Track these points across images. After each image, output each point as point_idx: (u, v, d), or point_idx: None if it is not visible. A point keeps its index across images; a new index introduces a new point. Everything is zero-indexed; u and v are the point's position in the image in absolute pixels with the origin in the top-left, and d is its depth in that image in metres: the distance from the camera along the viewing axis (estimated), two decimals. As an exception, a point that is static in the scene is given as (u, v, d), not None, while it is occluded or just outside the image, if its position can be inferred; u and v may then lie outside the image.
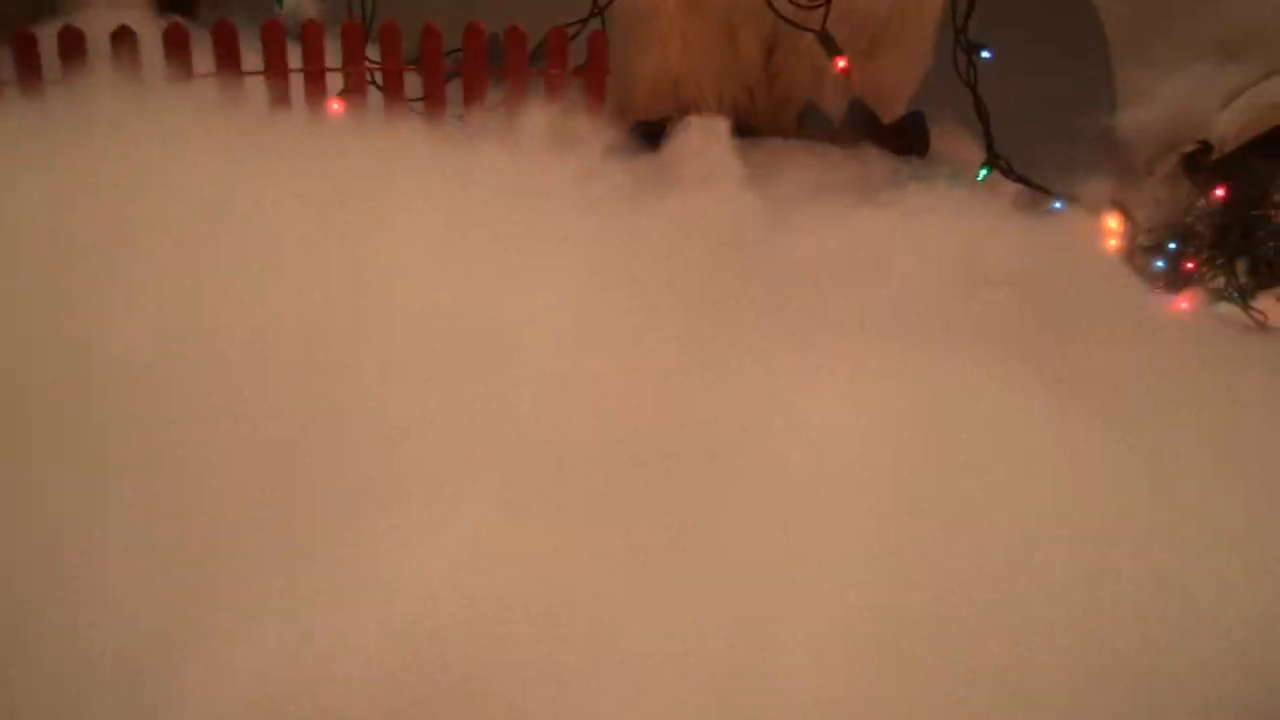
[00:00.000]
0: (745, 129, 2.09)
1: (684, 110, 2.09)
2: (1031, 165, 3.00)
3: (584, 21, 1.90)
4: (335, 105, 1.98)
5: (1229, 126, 2.83)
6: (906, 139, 2.07)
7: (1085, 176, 3.00)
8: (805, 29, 1.82)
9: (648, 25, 1.86)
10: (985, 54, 1.84)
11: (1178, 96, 2.88)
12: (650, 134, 2.08)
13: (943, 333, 1.61)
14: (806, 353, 1.46)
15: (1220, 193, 2.35)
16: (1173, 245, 2.02)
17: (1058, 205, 2.22)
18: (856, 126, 2.06)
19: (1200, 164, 2.97)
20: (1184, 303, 1.96)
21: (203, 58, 2.02)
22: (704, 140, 1.93)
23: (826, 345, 1.49)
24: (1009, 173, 1.90)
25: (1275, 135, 2.90)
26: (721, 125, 2.02)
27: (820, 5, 1.78)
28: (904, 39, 2.05)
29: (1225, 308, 1.98)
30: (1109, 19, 2.89)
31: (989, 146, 1.84)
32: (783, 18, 1.83)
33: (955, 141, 2.03)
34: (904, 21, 2.01)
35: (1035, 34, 2.88)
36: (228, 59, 2.02)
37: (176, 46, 1.95)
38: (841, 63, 1.80)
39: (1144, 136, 2.90)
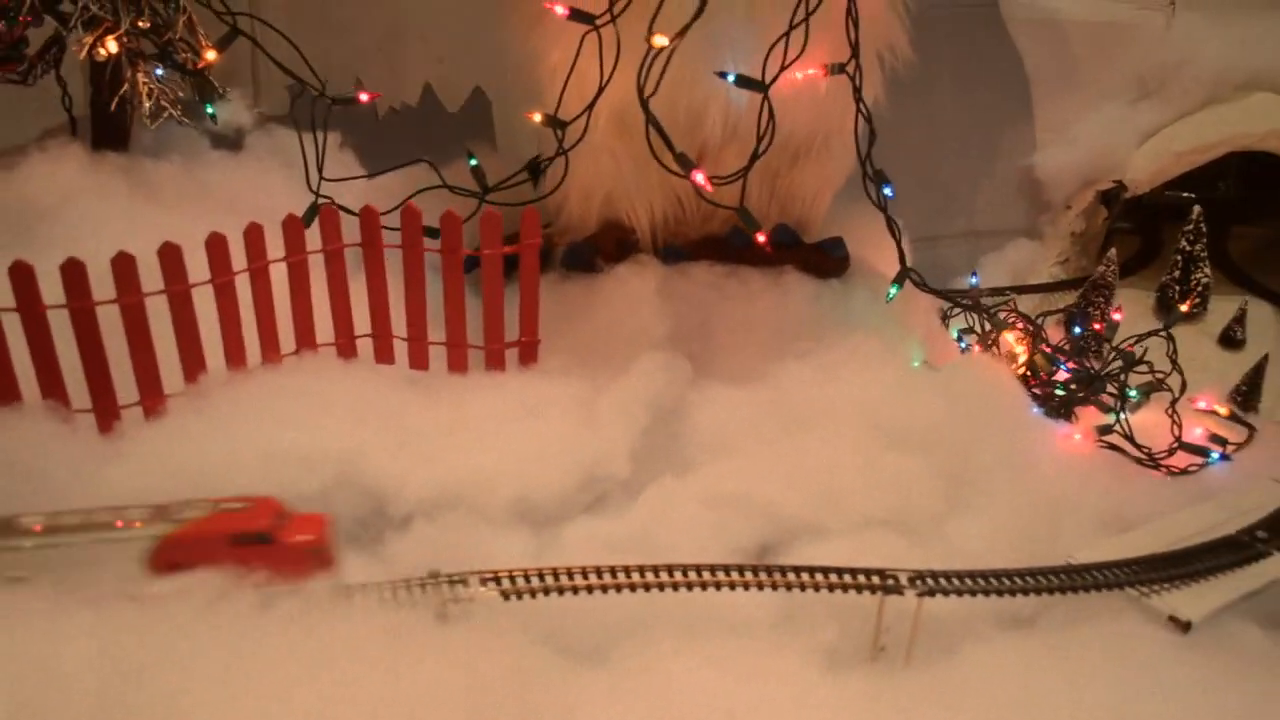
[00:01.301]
0: (674, 252, 2.17)
1: (616, 224, 2.16)
2: (958, 203, 3.13)
3: (550, 160, 1.94)
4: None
5: (1141, 171, 2.96)
6: (827, 261, 2.15)
7: (1006, 214, 3.14)
8: (723, 207, 1.86)
9: (583, 144, 1.90)
10: (888, 190, 1.95)
11: (1094, 136, 3.00)
12: (583, 258, 2.15)
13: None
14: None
15: (1098, 326, 2.49)
16: (1064, 370, 2.14)
17: (960, 314, 2.34)
18: (780, 249, 2.15)
19: (1114, 200, 3.12)
20: (1076, 434, 2.10)
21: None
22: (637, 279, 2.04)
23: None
24: (921, 285, 2.00)
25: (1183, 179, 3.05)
26: (650, 264, 2.15)
27: (738, 177, 1.85)
28: (822, 154, 2.13)
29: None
30: (1030, 60, 3.00)
31: (901, 263, 1.95)
32: (703, 197, 1.87)
33: (873, 250, 2.11)
34: (824, 139, 2.08)
35: (962, 81, 2.98)
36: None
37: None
38: (761, 238, 1.87)
39: (1062, 174, 3.03)
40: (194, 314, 1.72)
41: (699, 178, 1.84)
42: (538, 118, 1.99)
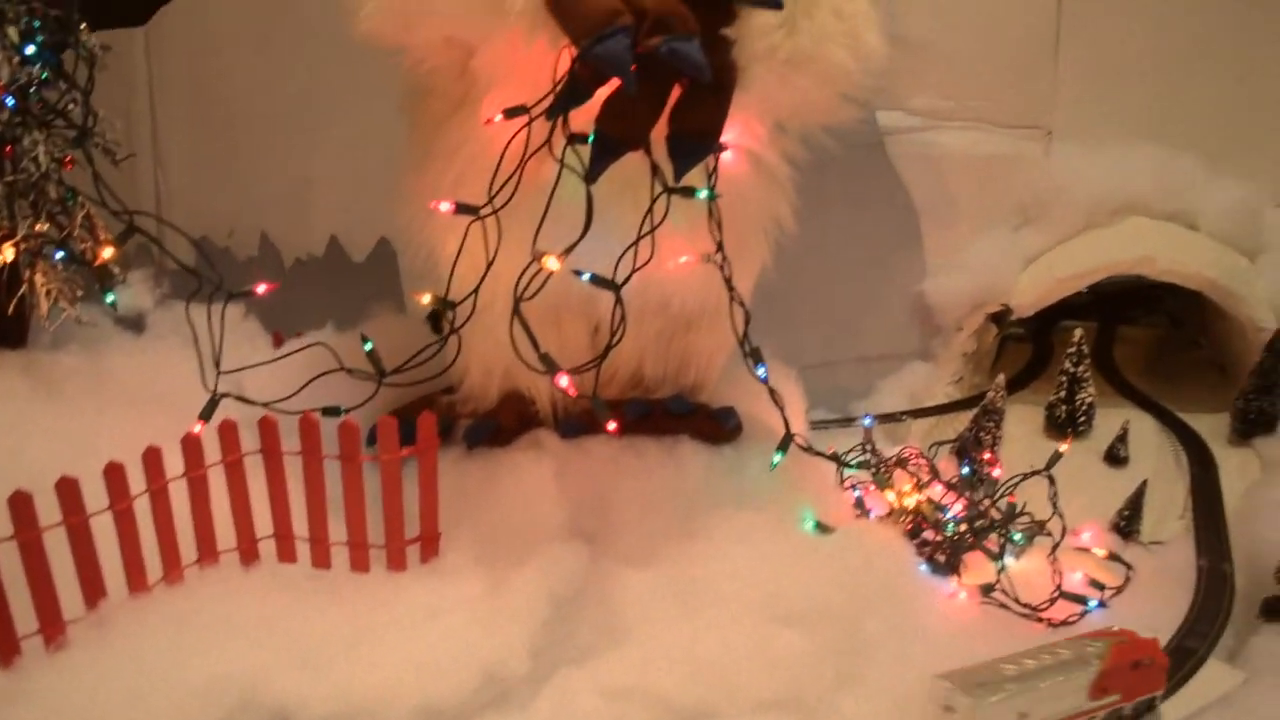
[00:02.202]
0: (573, 426, 2.25)
1: (517, 396, 2.23)
2: (855, 329, 3.24)
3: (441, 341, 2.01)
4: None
5: (1025, 295, 3.10)
6: (720, 431, 2.25)
7: (901, 338, 3.26)
8: (584, 396, 1.96)
9: (479, 320, 1.97)
10: (761, 370, 2.05)
11: (981, 261, 3.14)
12: (484, 435, 2.25)
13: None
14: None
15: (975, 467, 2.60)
16: (951, 520, 2.26)
17: (852, 465, 2.45)
18: (675, 419, 2.24)
19: (1002, 321, 3.26)
20: (961, 592, 2.20)
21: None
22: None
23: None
24: (807, 449, 2.11)
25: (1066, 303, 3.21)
26: (549, 441, 2.22)
27: (592, 366, 1.94)
28: (713, 322, 2.22)
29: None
30: (918, 193, 3.13)
31: (785, 430, 2.04)
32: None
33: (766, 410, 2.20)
34: (714, 309, 2.17)
35: (855, 214, 3.09)
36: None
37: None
38: (611, 426, 1.96)
39: (952, 299, 3.16)
40: (93, 543, 1.74)
41: (562, 380, 1.92)
42: (426, 299, 2.06)
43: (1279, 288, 3.12)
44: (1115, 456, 2.99)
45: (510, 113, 1.87)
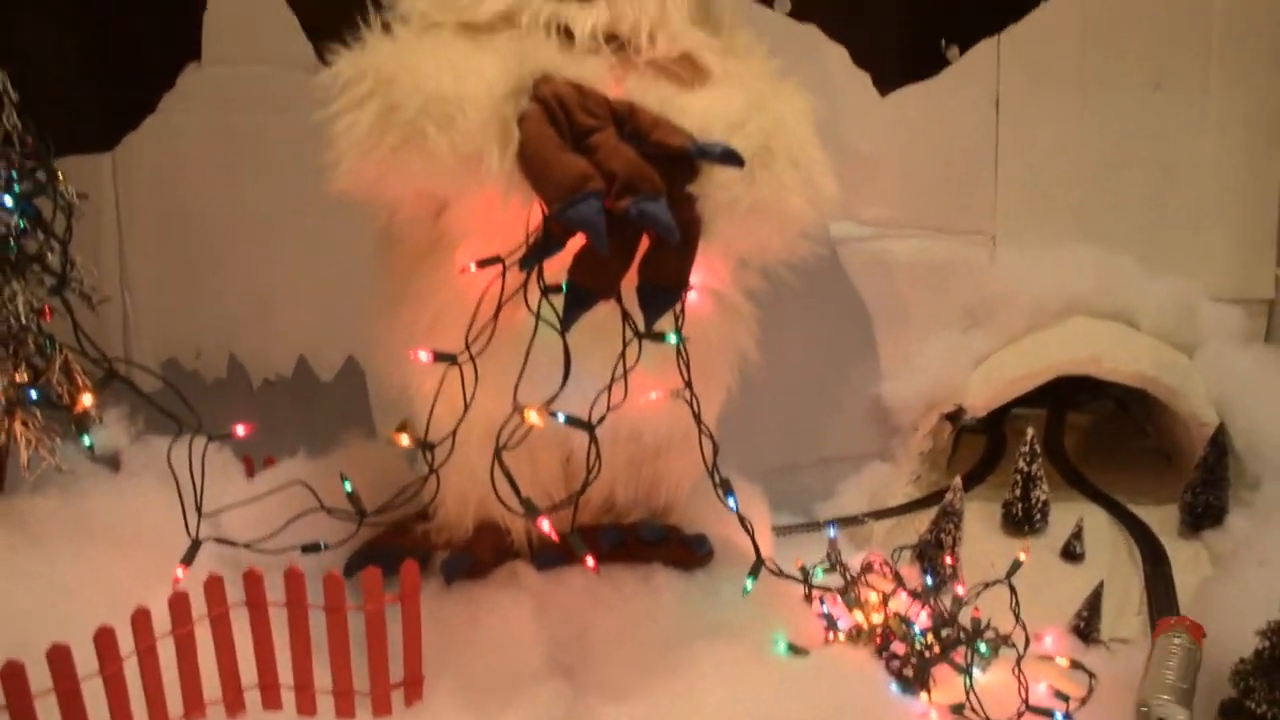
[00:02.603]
0: (549, 558, 2.30)
1: (492, 526, 2.28)
2: (814, 432, 3.32)
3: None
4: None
5: (978, 396, 3.20)
6: (692, 558, 2.32)
7: (859, 439, 3.34)
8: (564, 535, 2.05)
9: (455, 455, 2.03)
10: (732, 500, 2.13)
11: (933, 364, 3.24)
12: (462, 569, 2.28)
13: None
14: None
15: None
16: (918, 634, 2.33)
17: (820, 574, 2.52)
18: (648, 546, 2.31)
19: (957, 419, 3.36)
20: (933, 712, 2.26)
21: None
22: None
23: None
24: (777, 573, 2.19)
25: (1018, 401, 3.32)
26: (526, 574, 2.27)
27: (568, 504, 2.04)
28: (681, 448, 2.30)
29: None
30: (870, 298, 3.23)
31: (756, 556, 2.12)
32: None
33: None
34: (682, 436, 2.24)
35: (810, 322, 3.18)
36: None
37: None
38: (591, 561, 2.04)
39: (908, 401, 3.25)
40: (84, 708, 1.75)
41: (544, 524, 1.98)
42: (405, 440, 2.11)
43: (1217, 381, 3.25)
44: (1072, 553, 3.07)
45: (484, 263, 1.94)
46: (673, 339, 2.04)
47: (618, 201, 1.80)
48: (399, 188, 1.98)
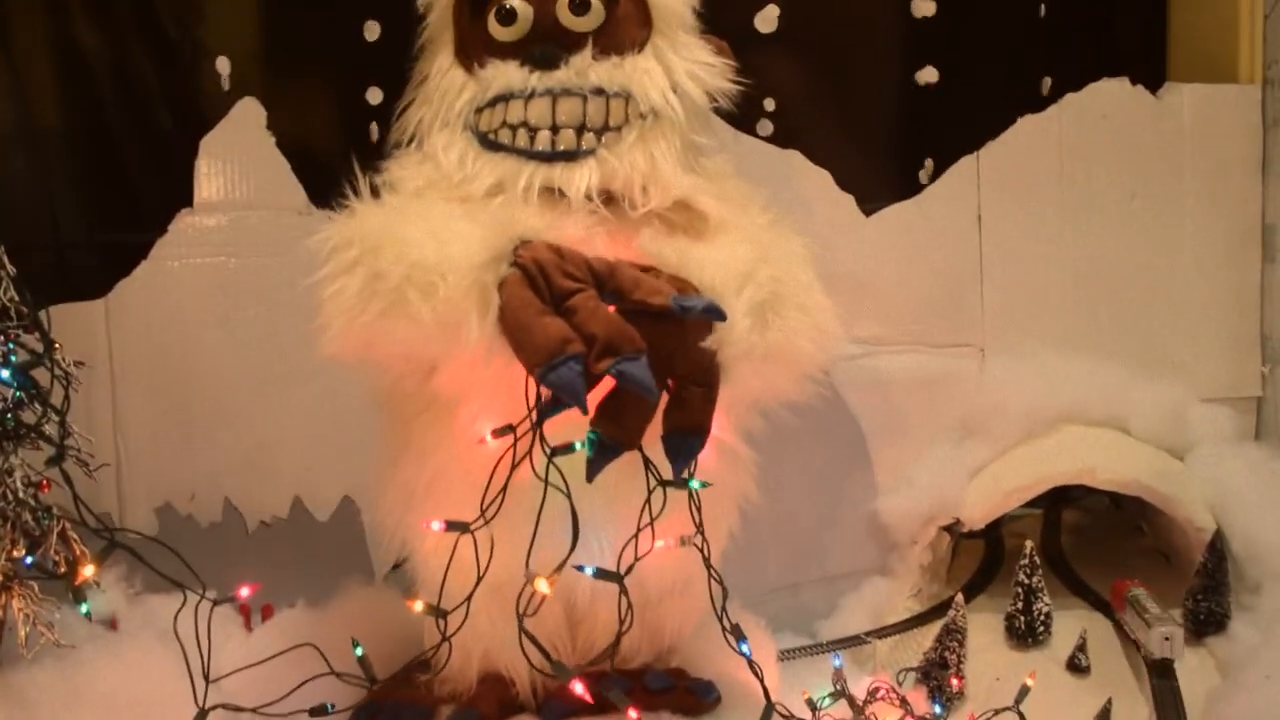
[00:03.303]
0: (555, 710, 2.26)
1: (496, 678, 2.28)
2: (814, 550, 3.31)
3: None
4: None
5: (974, 510, 3.21)
6: (700, 705, 2.31)
7: (859, 555, 3.34)
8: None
9: (457, 614, 2.04)
10: (745, 647, 2.14)
11: (929, 478, 3.25)
12: None
13: None
14: None
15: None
16: None
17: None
18: (656, 694, 2.30)
19: (954, 533, 3.36)
20: None
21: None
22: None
23: None
24: (787, 717, 2.18)
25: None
26: None
27: (604, 660, 2.06)
28: (685, 593, 2.31)
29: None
30: (864, 416, 3.25)
31: (766, 700, 2.11)
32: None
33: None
34: (684, 581, 2.26)
35: (807, 443, 3.18)
36: None
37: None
38: (633, 714, 2.04)
39: (905, 516, 3.26)
40: None
41: (578, 688, 1.98)
42: (419, 607, 2.10)
43: (1211, 484, 3.26)
44: (1077, 666, 3.05)
45: (499, 433, 1.96)
46: (696, 485, 2.06)
47: (598, 363, 1.83)
48: (386, 352, 2.01)
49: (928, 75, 3.25)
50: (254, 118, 3.00)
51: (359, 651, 2.12)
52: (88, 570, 2.13)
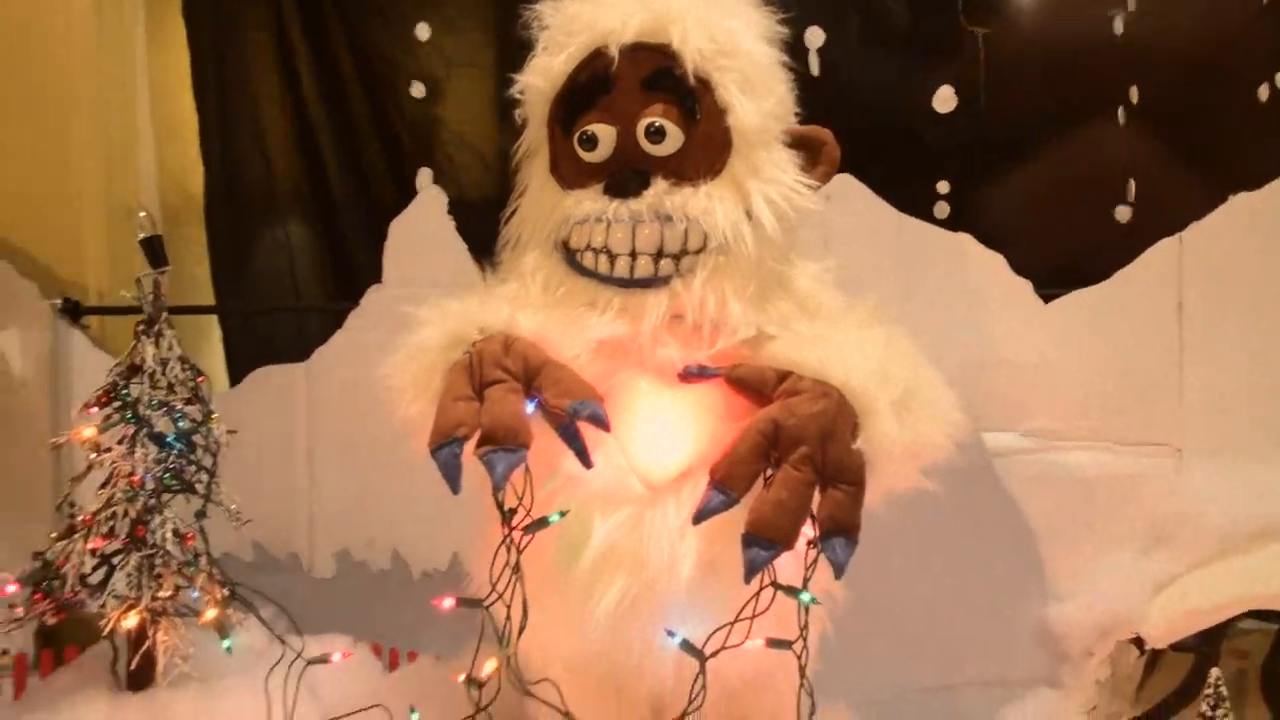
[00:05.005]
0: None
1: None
2: (973, 652, 3.13)
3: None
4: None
5: (1157, 627, 2.92)
6: None
7: (1023, 663, 3.11)
8: None
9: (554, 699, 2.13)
10: None
11: (1108, 587, 2.99)
12: None
13: None
14: None
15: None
16: None
17: None
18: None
19: (1140, 647, 3.06)
20: None
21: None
22: None
23: None
24: None
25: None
26: None
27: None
28: (774, 690, 2.21)
29: None
30: (1035, 514, 3.05)
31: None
32: None
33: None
34: (769, 674, 2.20)
35: (963, 532, 3.05)
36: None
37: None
38: None
39: (1077, 626, 3.01)
40: None
41: None
42: (461, 678, 2.18)
43: None
44: (1260, 816, 2.71)
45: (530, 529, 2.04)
46: (806, 598, 2.04)
47: (477, 448, 1.98)
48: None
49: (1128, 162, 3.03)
50: (437, 204, 3.25)
51: (415, 717, 2.25)
52: (210, 614, 2.38)
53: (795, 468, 1.97)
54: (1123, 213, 3.08)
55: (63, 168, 3.57)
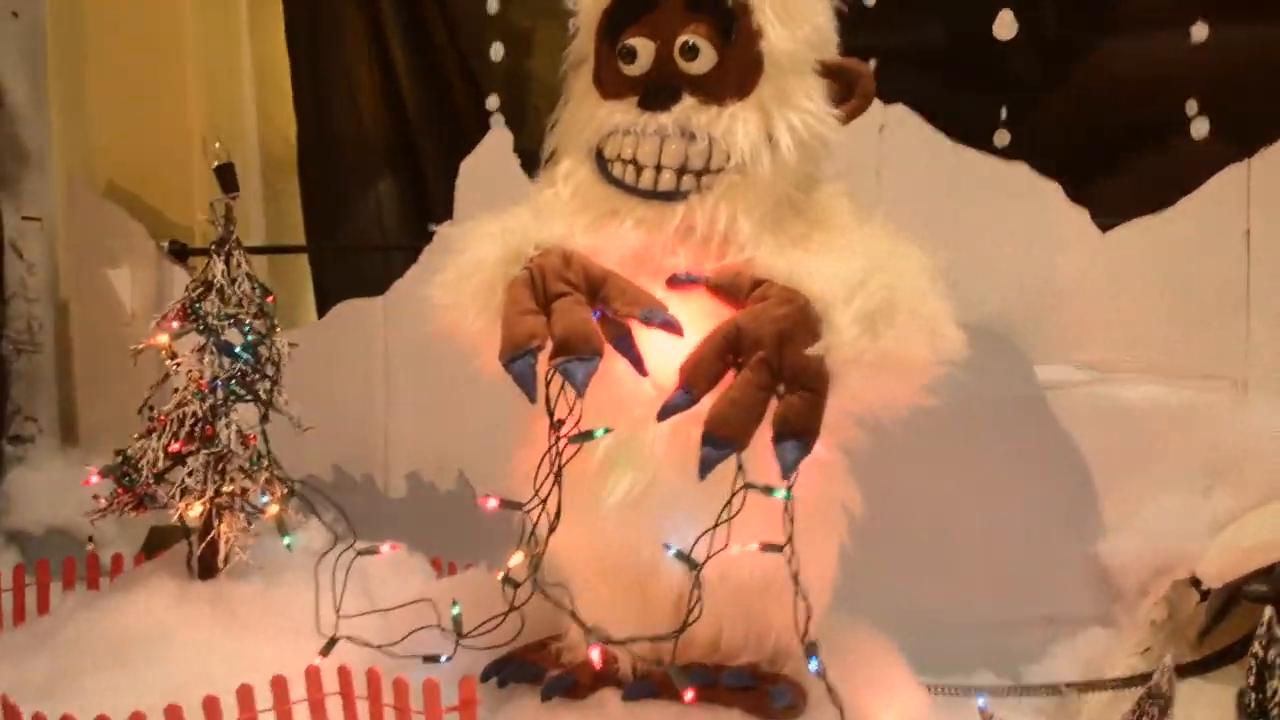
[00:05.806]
0: (640, 688, 2.35)
1: (604, 654, 2.34)
2: (1025, 588, 3.09)
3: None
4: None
5: (1211, 565, 2.83)
6: (771, 712, 2.22)
7: (1076, 600, 3.06)
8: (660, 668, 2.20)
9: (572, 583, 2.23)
10: (813, 663, 2.09)
11: (1163, 524, 2.91)
12: (562, 688, 2.39)
13: None
14: None
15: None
16: None
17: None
18: (731, 692, 2.29)
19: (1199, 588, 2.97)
20: None
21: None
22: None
23: None
24: None
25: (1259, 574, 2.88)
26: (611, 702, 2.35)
27: (666, 640, 2.16)
28: (782, 594, 2.17)
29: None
30: (1092, 447, 3.00)
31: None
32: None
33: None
34: (783, 583, 2.23)
35: (1019, 461, 3.02)
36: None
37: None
38: (690, 694, 2.10)
39: (1131, 563, 2.94)
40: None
41: (594, 654, 2.18)
42: (515, 560, 2.30)
43: None
44: (1308, 757, 2.61)
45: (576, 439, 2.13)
46: (781, 494, 2.09)
47: (551, 359, 2.03)
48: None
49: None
50: (504, 143, 3.40)
51: (456, 610, 2.38)
52: (272, 509, 2.57)
53: (752, 370, 2.02)
54: (1188, 138, 2.98)
55: (172, 119, 3.87)
